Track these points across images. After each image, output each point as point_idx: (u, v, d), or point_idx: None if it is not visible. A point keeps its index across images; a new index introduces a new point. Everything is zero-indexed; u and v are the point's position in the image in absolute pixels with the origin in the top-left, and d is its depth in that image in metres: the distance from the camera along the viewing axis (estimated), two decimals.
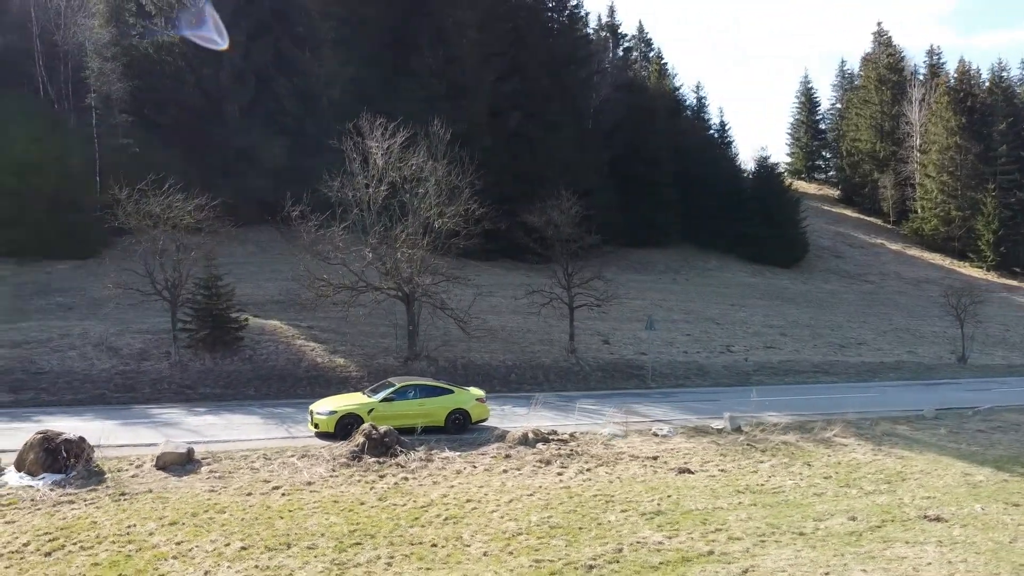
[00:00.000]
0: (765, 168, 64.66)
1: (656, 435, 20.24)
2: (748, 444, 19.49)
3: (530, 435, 18.52)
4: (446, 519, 12.89)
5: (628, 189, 53.83)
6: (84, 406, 23.15)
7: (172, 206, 27.23)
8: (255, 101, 45.48)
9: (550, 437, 18.77)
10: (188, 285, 27.89)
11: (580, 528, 12.69)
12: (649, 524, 13.00)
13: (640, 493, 14.88)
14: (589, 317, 34.28)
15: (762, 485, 15.89)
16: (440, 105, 44.60)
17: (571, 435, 19.28)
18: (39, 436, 14.28)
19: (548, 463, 16.98)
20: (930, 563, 11.51)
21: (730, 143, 71.22)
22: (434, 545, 11.69)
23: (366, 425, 17.31)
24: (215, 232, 28.80)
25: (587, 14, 69.58)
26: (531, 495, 14.46)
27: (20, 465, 14.13)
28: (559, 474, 16.20)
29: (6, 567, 10.18)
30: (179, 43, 44.11)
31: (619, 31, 70.42)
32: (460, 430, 19.40)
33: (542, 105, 50.12)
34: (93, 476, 14.23)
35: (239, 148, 42.86)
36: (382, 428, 17.22)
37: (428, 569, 10.78)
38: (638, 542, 12.05)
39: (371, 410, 18.63)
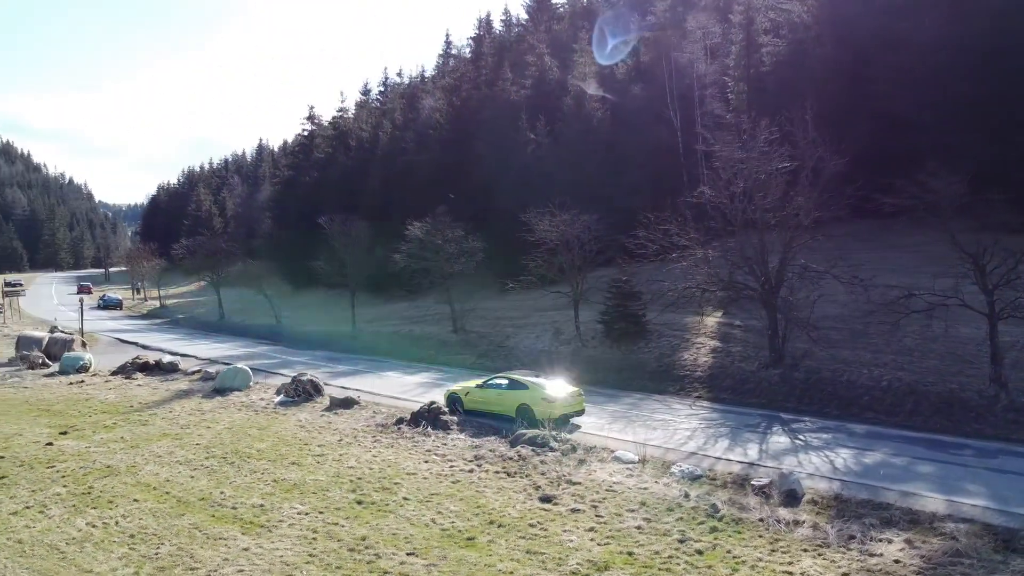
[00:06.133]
0: None
1: (674, 472, 17.26)
2: (729, 508, 14.81)
3: (525, 437, 19.61)
4: (293, 462, 18.58)
5: None
6: (465, 368, 33.74)
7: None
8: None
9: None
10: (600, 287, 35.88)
11: (310, 490, 16.43)
12: (296, 496, 15.55)
13: (409, 488, 16.14)
14: None
15: (540, 531, 14.01)
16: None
17: (570, 447, 18.94)
18: (291, 378, 26.25)
19: (474, 460, 18.52)
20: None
21: None
22: (253, 471, 18.07)
23: (426, 403, 22.42)
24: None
25: None
26: (368, 469, 17.83)
27: (285, 392, 26.32)
28: (451, 465, 18.01)
29: (181, 421, 22.59)
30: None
31: None
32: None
33: None
34: (300, 404, 25.17)
35: None
36: (433, 407, 22.08)
37: (214, 474, 17.71)
38: (252, 504, 15.43)
39: (467, 393, 23.15)
